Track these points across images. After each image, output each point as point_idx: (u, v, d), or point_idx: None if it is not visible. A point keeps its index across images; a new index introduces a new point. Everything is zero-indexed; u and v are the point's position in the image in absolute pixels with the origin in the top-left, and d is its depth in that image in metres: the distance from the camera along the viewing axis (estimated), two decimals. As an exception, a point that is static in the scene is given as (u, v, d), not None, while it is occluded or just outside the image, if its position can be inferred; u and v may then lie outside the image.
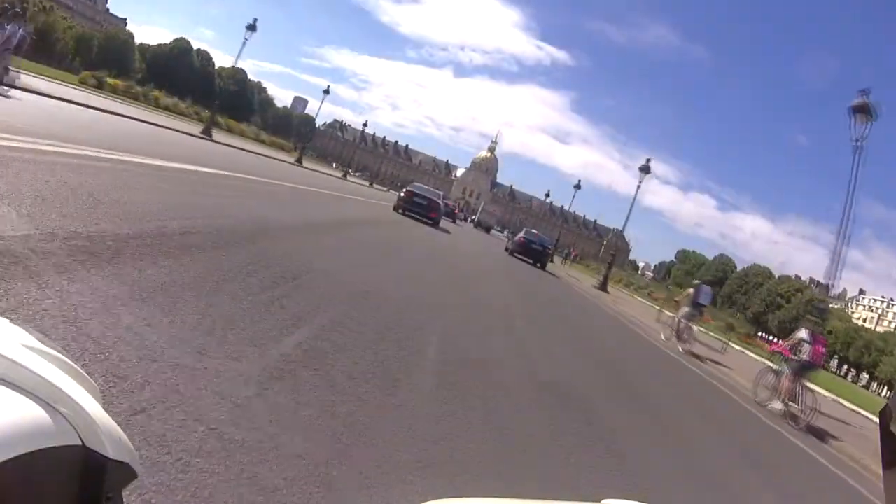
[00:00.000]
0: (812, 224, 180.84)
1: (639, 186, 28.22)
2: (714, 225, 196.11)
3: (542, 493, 2.52)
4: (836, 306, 77.41)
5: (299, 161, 30.82)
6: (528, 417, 3.67)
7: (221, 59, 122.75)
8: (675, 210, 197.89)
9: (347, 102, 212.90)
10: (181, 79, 44.39)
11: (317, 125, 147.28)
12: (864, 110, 11.15)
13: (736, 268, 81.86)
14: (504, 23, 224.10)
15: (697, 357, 11.70)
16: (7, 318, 0.46)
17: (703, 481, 4.04)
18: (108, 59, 41.51)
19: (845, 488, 5.85)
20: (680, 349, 11.79)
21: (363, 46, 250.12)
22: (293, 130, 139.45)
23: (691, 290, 12.44)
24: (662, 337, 12.77)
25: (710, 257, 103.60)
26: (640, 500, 0.58)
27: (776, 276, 70.05)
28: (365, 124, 70.42)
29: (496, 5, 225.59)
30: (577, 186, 58.34)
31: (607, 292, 23.47)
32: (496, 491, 2.34)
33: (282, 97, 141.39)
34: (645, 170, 28.35)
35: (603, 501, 0.56)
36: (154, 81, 36.69)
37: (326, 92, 53.18)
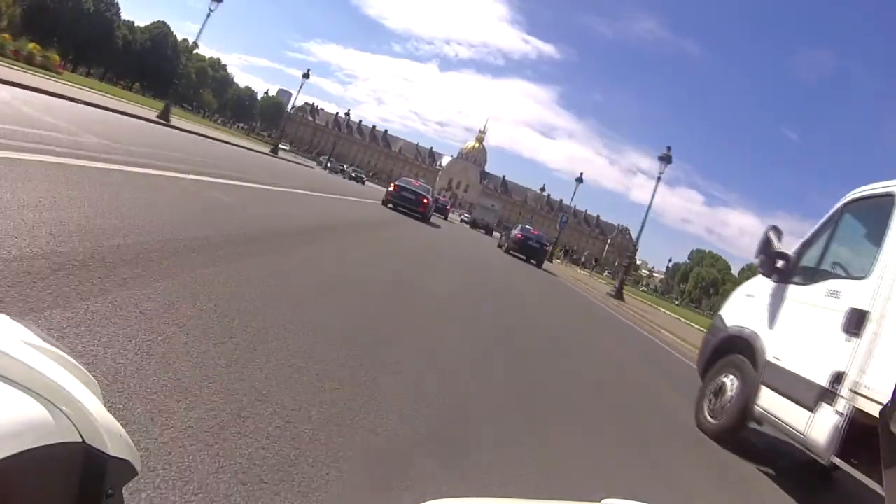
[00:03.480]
0: (800, 221, 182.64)
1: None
2: (701, 220, 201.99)
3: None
4: None
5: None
6: None
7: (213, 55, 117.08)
8: (662, 205, 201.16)
9: (333, 97, 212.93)
10: (65, 28, 35.65)
11: (288, 109, 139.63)
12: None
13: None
14: (490, 16, 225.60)
15: None
16: (7, 314, 0.46)
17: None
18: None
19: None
20: None
21: (349, 40, 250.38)
22: (258, 113, 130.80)
23: None
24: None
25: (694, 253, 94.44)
26: (640, 501, 0.60)
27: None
28: (345, 114, 58.92)
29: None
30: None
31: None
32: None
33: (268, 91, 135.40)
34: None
35: (603, 501, 0.59)
36: (29, 31, 29.18)
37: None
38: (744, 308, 4.87)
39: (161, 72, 51.80)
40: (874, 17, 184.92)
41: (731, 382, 4.50)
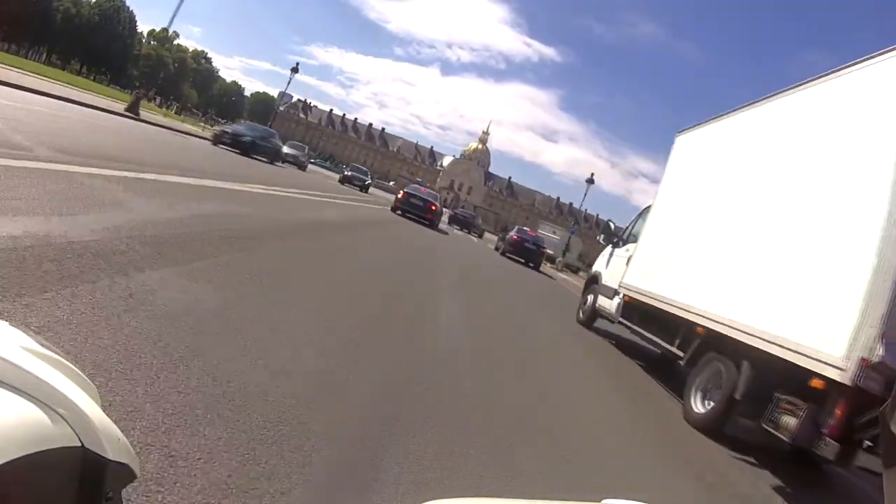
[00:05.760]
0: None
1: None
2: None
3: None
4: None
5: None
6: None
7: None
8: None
9: (335, 100, 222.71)
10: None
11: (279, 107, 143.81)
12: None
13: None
14: (491, 19, 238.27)
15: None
16: (6, 320, 0.51)
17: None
18: None
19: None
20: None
21: (350, 44, 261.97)
22: (245, 110, 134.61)
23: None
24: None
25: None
26: (640, 501, 0.64)
27: None
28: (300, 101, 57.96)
29: (483, 1, 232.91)
30: (590, 181, 59.57)
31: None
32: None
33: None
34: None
35: (603, 501, 0.63)
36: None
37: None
38: (599, 261, 10.47)
39: (110, 53, 46.43)
40: (870, 19, 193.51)
41: (590, 297, 9.96)
